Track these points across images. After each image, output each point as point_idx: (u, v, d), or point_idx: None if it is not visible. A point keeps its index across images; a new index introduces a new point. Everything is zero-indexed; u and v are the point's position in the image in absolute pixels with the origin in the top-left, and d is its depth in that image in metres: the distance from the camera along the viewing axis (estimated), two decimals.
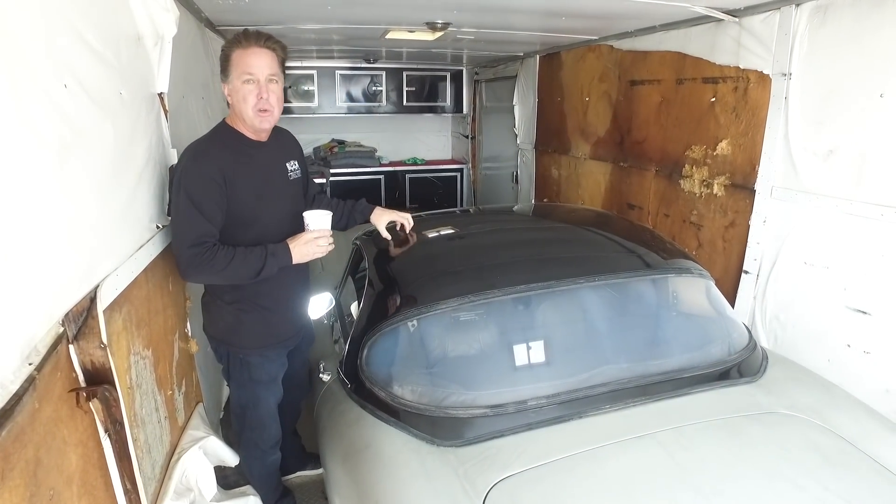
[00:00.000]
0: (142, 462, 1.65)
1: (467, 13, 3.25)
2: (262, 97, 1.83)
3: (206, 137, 1.97)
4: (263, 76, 1.83)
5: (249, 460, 2.26)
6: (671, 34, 3.31)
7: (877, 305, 2.28)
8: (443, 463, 1.62)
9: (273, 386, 2.14)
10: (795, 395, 1.90)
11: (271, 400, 2.15)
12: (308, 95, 6.24)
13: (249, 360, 2.05)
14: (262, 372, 2.08)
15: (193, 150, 1.88)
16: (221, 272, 1.81)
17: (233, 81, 1.84)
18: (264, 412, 2.15)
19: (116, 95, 1.62)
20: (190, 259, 1.77)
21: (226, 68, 1.85)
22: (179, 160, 1.91)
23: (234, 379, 2.12)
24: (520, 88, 5.41)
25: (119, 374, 1.47)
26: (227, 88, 1.88)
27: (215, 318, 2.08)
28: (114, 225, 1.57)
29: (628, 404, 1.81)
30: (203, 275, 1.87)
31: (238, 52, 1.83)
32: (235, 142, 1.92)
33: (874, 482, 1.55)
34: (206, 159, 1.84)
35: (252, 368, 2.06)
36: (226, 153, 1.87)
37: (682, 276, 2.21)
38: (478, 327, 1.97)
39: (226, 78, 1.87)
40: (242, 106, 1.84)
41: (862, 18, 2.26)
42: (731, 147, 2.95)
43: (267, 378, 2.10)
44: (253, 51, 1.82)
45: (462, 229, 2.60)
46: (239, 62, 1.82)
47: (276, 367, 2.12)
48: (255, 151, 1.95)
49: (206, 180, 1.80)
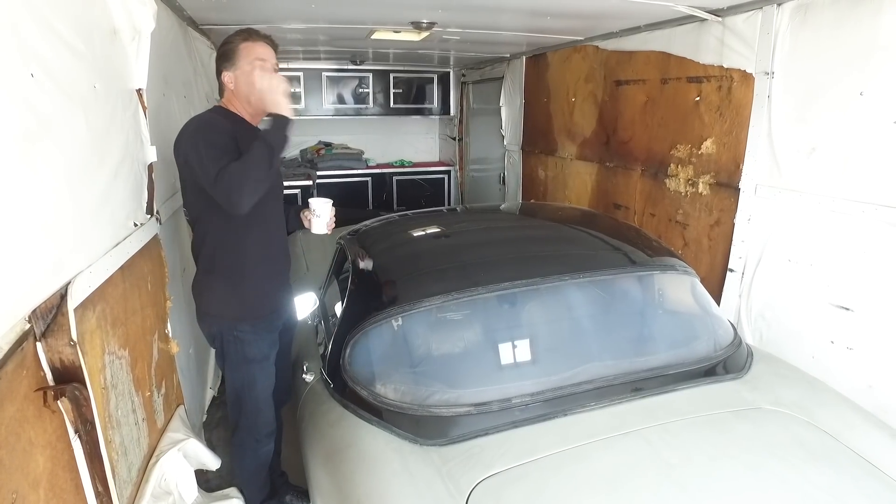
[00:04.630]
0: (117, 464, 1.61)
1: (452, 12, 3.24)
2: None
3: (208, 112, 2.10)
4: (271, 64, 2.02)
5: (243, 451, 2.24)
6: (656, 34, 3.33)
7: (859, 302, 2.29)
8: (426, 462, 1.60)
9: (266, 365, 2.15)
10: (780, 391, 1.90)
11: (266, 382, 2.16)
12: (294, 97, 6.20)
13: (242, 336, 2.07)
14: (254, 348, 2.09)
15: (198, 118, 2.00)
16: (250, 173, 1.78)
17: (242, 67, 1.98)
18: (260, 394, 2.15)
19: (90, 88, 1.58)
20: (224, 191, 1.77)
21: (232, 57, 1.99)
22: (182, 132, 1.93)
23: (228, 360, 2.12)
24: (506, 90, 5.41)
25: (92, 373, 1.43)
26: (230, 76, 2.00)
27: (208, 296, 2.11)
28: (87, 220, 1.53)
29: (614, 401, 1.80)
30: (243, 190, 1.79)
31: (247, 44, 1.99)
32: (234, 119, 2.04)
33: (857, 475, 1.55)
34: (214, 122, 1.96)
35: (245, 346, 2.08)
36: (228, 124, 1.99)
37: (667, 273, 2.21)
38: (462, 325, 1.95)
39: (232, 66, 1.99)
40: (252, 88, 1.96)
41: (841, 18, 2.28)
42: (716, 146, 2.97)
43: (260, 356, 2.12)
44: (261, 44, 2.01)
45: (447, 228, 2.58)
46: (250, 51, 1.98)
47: (267, 346, 2.14)
48: (251, 131, 2.06)
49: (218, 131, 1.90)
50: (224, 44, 2.02)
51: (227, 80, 2.00)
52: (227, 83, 2.01)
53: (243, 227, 1.99)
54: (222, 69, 2.02)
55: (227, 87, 2.02)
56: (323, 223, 2.23)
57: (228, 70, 2.00)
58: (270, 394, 2.20)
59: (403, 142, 7.27)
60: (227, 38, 2.02)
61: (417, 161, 7.28)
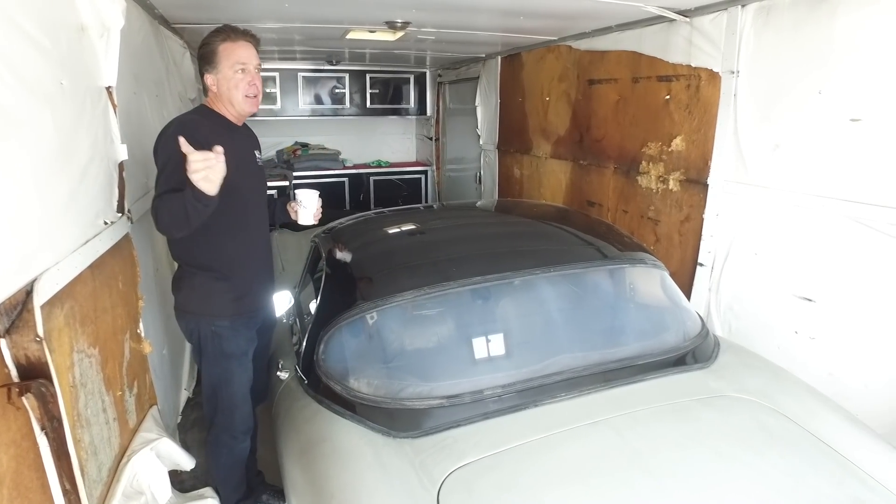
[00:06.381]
0: (86, 463, 1.59)
1: (427, 12, 3.26)
2: (254, 84, 2.02)
3: (191, 112, 2.12)
4: (252, 66, 2.01)
5: (218, 449, 2.23)
6: (627, 34, 3.39)
7: (820, 293, 2.37)
8: (399, 454, 1.61)
9: (244, 361, 2.15)
10: (745, 379, 1.96)
11: (243, 377, 2.15)
12: (270, 98, 6.16)
13: (220, 332, 2.07)
14: (232, 344, 2.09)
15: (179, 119, 1.99)
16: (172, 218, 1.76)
17: (223, 71, 1.98)
18: (236, 390, 2.14)
19: (56, 85, 1.57)
20: (154, 211, 1.79)
21: (212, 60, 1.98)
22: (161, 134, 1.92)
23: (205, 355, 2.11)
24: (482, 90, 5.45)
25: (60, 371, 1.42)
26: (212, 78, 2.00)
27: (187, 292, 2.09)
28: (54, 218, 1.51)
29: (584, 392, 1.83)
30: (161, 224, 1.80)
31: (227, 45, 1.97)
32: (218, 118, 2.06)
33: (816, 458, 1.60)
34: (193, 127, 1.91)
35: (223, 341, 2.07)
36: (211, 124, 2.00)
37: (637, 267, 2.26)
38: (435, 319, 1.97)
39: (212, 68, 1.99)
40: (234, 92, 1.99)
41: (800, 20, 2.36)
42: (685, 143, 3.03)
43: (238, 352, 2.11)
44: (241, 43, 1.99)
45: (421, 225, 2.59)
46: (230, 53, 1.97)
47: (245, 341, 2.14)
48: (235, 130, 2.09)
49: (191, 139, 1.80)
50: (204, 44, 2.01)
51: (210, 82, 2.01)
52: (209, 85, 2.02)
53: (225, 225, 1.99)
54: (204, 71, 2.02)
55: (210, 88, 2.03)
56: (310, 214, 2.26)
57: (210, 73, 2.00)
58: (248, 390, 2.20)
59: (380, 142, 7.28)
60: (207, 38, 2.01)
61: (394, 161, 7.29)
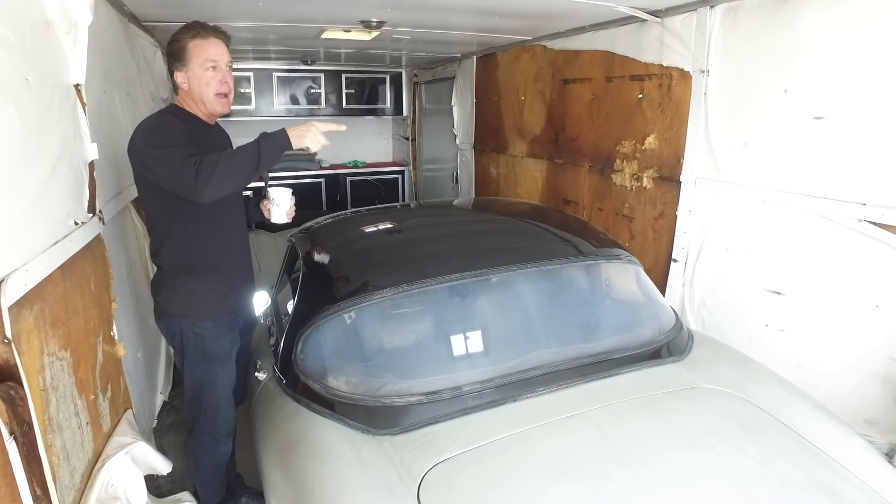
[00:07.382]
0: (58, 469, 1.56)
1: (402, 11, 3.27)
2: (225, 82, 1.97)
3: (161, 112, 2.06)
4: (224, 63, 1.97)
5: (199, 451, 2.20)
6: (600, 34, 3.44)
7: (789, 286, 2.44)
8: (379, 451, 1.61)
9: (227, 362, 2.12)
10: (718, 371, 2.01)
11: (227, 379, 2.13)
12: (245, 98, 6.09)
13: (203, 333, 2.04)
14: (215, 345, 2.07)
15: (152, 119, 1.96)
16: (224, 169, 1.70)
17: (194, 69, 1.93)
18: (219, 391, 2.11)
19: (21, 81, 1.53)
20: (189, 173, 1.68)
21: (182, 57, 1.94)
22: (135, 133, 1.89)
23: (187, 357, 2.08)
24: (458, 89, 5.47)
25: (30, 374, 1.39)
26: (182, 76, 1.96)
27: (168, 294, 2.06)
28: (21, 217, 1.47)
29: (561, 386, 1.85)
30: (211, 180, 1.70)
31: (197, 42, 1.93)
32: (190, 118, 2.01)
33: (785, 444, 1.65)
34: (168, 123, 1.91)
35: (206, 342, 2.05)
36: (184, 123, 1.95)
37: (612, 263, 2.29)
38: (412, 317, 1.97)
39: (182, 66, 1.94)
40: (205, 90, 1.95)
41: (766, 21, 2.42)
42: (658, 141, 3.09)
43: (222, 353, 2.09)
44: (212, 40, 1.94)
45: (399, 223, 2.60)
46: (200, 51, 1.93)
47: (229, 343, 2.12)
48: (207, 130, 2.06)
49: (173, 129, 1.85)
50: (173, 41, 1.96)
51: (180, 80, 1.97)
52: (179, 83, 1.98)
53: (203, 226, 1.97)
54: (174, 69, 1.98)
55: (181, 87, 1.99)
56: (283, 212, 2.18)
57: (180, 70, 1.96)
58: (231, 392, 2.18)
59: (357, 142, 7.23)
60: (176, 35, 1.97)
61: (371, 161, 7.27)
